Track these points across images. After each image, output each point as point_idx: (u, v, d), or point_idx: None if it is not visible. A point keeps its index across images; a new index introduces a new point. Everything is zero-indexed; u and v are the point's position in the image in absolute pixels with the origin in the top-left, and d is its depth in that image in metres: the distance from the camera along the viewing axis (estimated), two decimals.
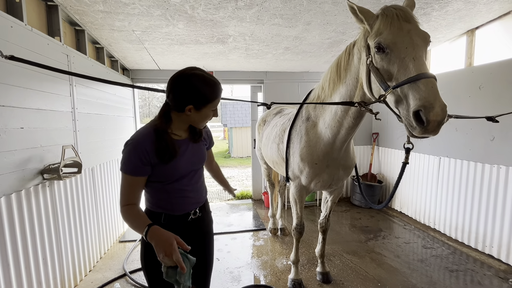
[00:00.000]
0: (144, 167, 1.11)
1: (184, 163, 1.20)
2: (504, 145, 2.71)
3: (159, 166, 1.13)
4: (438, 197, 3.51)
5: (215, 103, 1.16)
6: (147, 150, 1.09)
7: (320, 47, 3.49)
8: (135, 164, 1.09)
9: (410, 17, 1.23)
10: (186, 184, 1.23)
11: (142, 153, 1.09)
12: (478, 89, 2.94)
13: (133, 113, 4.22)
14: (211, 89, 1.12)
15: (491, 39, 3.04)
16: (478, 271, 2.65)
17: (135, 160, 1.09)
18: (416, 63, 1.14)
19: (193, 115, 1.15)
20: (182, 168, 1.20)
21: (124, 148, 1.12)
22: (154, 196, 1.22)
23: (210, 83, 1.12)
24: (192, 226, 1.29)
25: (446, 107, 1.07)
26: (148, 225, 1.00)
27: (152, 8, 2.36)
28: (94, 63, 2.90)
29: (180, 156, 1.18)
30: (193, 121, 1.19)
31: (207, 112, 1.16)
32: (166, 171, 1.16)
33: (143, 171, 1.11)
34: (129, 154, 1.09)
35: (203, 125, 1.24)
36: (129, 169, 1.10)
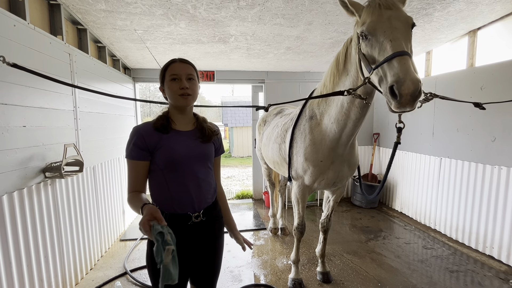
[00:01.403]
0: (140, 151, 1.17)
1: (183, 151, 1.20)
2: (505, 146, 2.71)
3: (157, 150, 1.18)
4: (439, 197, 3.51)
5: (168, 71, 1.22)
6: (147, 130, 1.19)
7: (321, 47, 3.49)
8: (136, 147, 1.17)
9: (391, 4, 1.29)
10: (187, 177, 1.21)
11: (138, 137, 1.17)
12: (480, 90, 2.94)
13: (134, 112, 4.23)
14: (165, 64, 1.26)
15: (493, 40, 3.03)
16: (479, 272, 2.64)
17: (137, 142, 1.17)
18: (393, 44, 1.19)
19: (166, 94, 1.25)
20: (180, 155, 1.19)
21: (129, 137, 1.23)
22: (156, 191, 1.23)
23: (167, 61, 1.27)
24: (194, 231, 1.22)
25: (419, 81, 1.10)
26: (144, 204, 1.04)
27: (154, 7, 2.36)
28: (96, 62, 2.90)
29: (178, 143, 1.21)
30: (171, 100, 1.24)
31: (169, 84, 1.22)
32: (163, 153, 1.18)
33: (140, 155, 1.17)
34: (130, 139, 1.20)
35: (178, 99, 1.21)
36: (131, 153, 1.18)
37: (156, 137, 1.18)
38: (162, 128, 1.20)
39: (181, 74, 1.21)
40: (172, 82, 1.20)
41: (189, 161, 1.22)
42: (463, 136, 3.15)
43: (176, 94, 1.20)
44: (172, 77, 1.20)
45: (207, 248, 1.29)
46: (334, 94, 1.64)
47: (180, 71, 1.21)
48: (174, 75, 1.20)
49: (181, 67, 1.22)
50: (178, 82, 1.20)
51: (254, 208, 4.58)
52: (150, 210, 0.96)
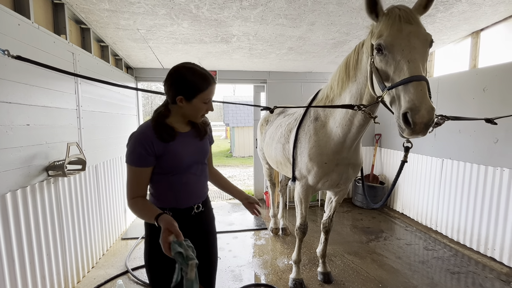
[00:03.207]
0: (148, 157, 1.14)
1: (188, 154, 1.22)
2: (508, 147, 2.70)
3: (165, 154, 1.16)
4: (441, 199, 3.50)
5: (205, 94, 1.15)
6: (150, 139, 1.13)
7: (323, 47, 3.49)
8: (139, 154, 1.12)
9: (412, 18, 1.24)
10: (190, 176, 1.25)
11: (146, 143, 1.12)
12: (483, 91, 2.93)
13: (136, 111, 4.24)
14: (200, 79, 1.13)
15: (496, 41, 3.03)
16: (480, 273, 2.64)
17: (140, 150, 1.12)
18: (410, 66, 1.16)
19: (186, 106, 1.16)
20: (186, 159, 1.21)
21: (128, 142, 1.17)
22: (159, 190, 1.23)
23: (199, 74, 1.14)
24: (196, 221, 1.30)
25: (434, 109, 1.09)
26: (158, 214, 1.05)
27: (157, 7, 2.37)
28: (99, 62, 2.91)
29: (184, 146, 1.21)
30: (188, 114, 1.20)
31: (199, 104, 1.16)
32: (170, 159, 1.18)
33: (147, 161, 1.14)
34: (134, 145, 1.13)
35: (198, 118, 1.22)
36: (134, 160, 1.14)
37: (162, 144, 1.16)
38: (169, 138, 1.17)
39: (212, 97, 1.20)
40: (202, 104, 1.17)
41: (192, 163, 1.25)
42: (466, 138, 3.14)
43: (199, 114, 1.20)
44: (206, 101, 1.17)
45: (207, 233, 1.38)
46: (343, 107, 1.65)
47: (213, 95, 1.20)
48: (208, 99, 1.18)
49: (214, 90, 1.20)
50: (207, 105, 1.19)
51: None
52: (166, 225, 0.97)
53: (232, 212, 4.41)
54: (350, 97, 1.72)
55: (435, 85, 3.52)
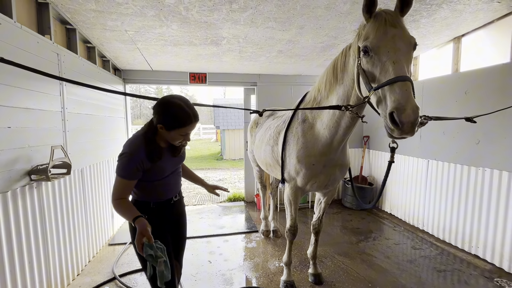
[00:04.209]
0: (138, 172, 1.34)
1: (168, 165, 1.48)
2: (488, 148, 2.81)
3: (151, 169, 1.38)
4: (427, 199, 3.60)
5: (183, 130, 1.32)
6: (141, 158, 1.32)
7: (312, 50, 3.54)
8: (131, 171, 1.32)
9: (397, 22, 1.28)
10: (170, 180, 1.53)
11: (138, 162, 1.31)
12: (464, 94, 3.04)
13: (124, 114, 4.16)
14: (183, 117, 1.30)
15: (476, 46, 3.16)
16: (465, 271, 2.72)
17: (132, 168, 1.31)
18: (395, 66, 1.20)
19: (164, 133, 1.35)
20: (167, 169, 1.48)
21: (120, 158, 1.32)
22: (143, 191, 1.47)
23: (183, 112, 1.30)
24: (173, 207, 1.62)
25: (418, 109, 1.13)
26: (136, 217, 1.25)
27: (145, 8, 2.35)
28: (85, 63, 2.85)
29: (165, 159, 1.44)
30: (166, 138, 1.39)
31: (176, 135, 1.34)
32: (156, 172, 1.41)
33: (137, 176, 1.35)
34: (127, 163, 1.31)
35: (175, 142, 1.41)
36: (126, 175, 1.32)
37: (150, 163, 1.36)
38: (157, 159, 1.37)
39: (191, 132, 1.37)
40: (180, 136, 1.35)
41: (172, 172, 1.53)
42: (449, 139, 3.25)
43: (176, 142, 1.40)
44: (183, 134, 1.35)
45: (181, 214, 1.72)
46: (331, 108, 1.68)
47: (191, 130, 1.36)
48: (186, 133, 1.36)
49: (193, 127, 1.35)
50: (184, 136, 1.37)
51: (246, 211, 4.57)
52: (141, 229, 1.17)
53: (222, 215, 4.37)
54: (337, 99, 1.74)
55: (420, 88, 3.63)
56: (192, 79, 4.42)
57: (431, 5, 2.46)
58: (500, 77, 2.67)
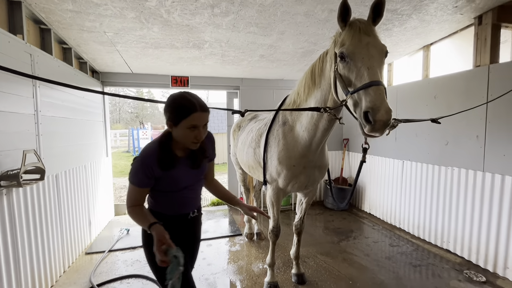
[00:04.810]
0: (148, 180, 1.27)
1: (185, 177, 1.35)
2: (456, 149, 3.02)
3: (163, 178, 1.29)
4: (402, 198, 3.77)
5: (188, 120, 1.20)
6: (151, 165, 1.25)
7: (293, 56, 3.64)
8: (141, 178, 1.26)
9: (370, 30, 1.39)
10: (188, 193, 1.40)
11: (147, 168, 1.24)
12: (434, 98, 3.25)
13: (102, 117, 4.03)
14: (186, 105, 1.20)
15: (443, 54, 3.40)
16: (438, 265, 2.87)
17: (142, 175, 1.25)
18: (369, 72, 1.29)
19: (175, 131, 1.25)
20: (183, 182, 1.35)
21: (132, 163, 1.27)
22: (157, 201, 1.38)
23: (186, 100, 1.21)
24: (190, 223, 1.48)
25: (391, 111, 1.22)
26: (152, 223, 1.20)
27: (125, 10, 2.32)
28: (61, 64, 2.75)
29: (181, 170, 1.33)
30: (179, 140, 1.27)
31: (183, 129, 1.22)
32: (169, 182, 1.32)
33: (148, 183, 1.29)
34: (137, 169, 1.25)
35: (189, 144, 1.27)
36: (136, 182, 1.27)
37: (161, 171, 1.27)
38: (169, 167, 1.28)
39: (200, 124, 1.23)
40: (189, 130, 1.22)
41: (188, 184, 1.38)
42: (421, 141, 3.45)
43: (188, 141, 1.25)
44: (191, 127, 1.21)
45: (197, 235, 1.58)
46: (310, 109, 1.75)
47: (200, 122, 1.22)
48: (194, 125, 1.21)
49: (201, 117, 1.22)
50: (195, 131, 1.23)
51: (230, 215, 4.55)
52: (159, 237, 1.12)
53: (206, 220, 4.32)
54: (315, 102, 1.82)
55: (395, 93, 3.83)
56: (174, 82, 4.38)
57: (402, 15, 2.63)
58: (465, 82, 2.89)
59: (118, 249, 3.26)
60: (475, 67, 2.84)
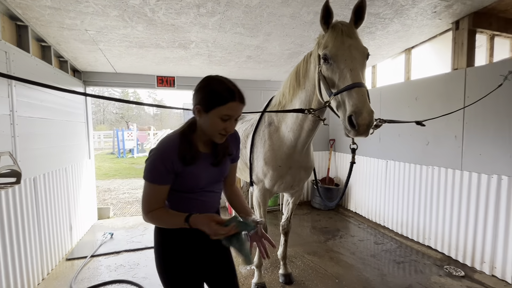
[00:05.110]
0: (168, 175, 1.10)
1: (205, 175, 1.19)
2: (436, 149, 3.13)
3: (182, 175, 1.13)
4: (387, 196, 3.87)
5: (223, 108, 1.05)
6: (170, 157, 1.09)
7: (280, 57, 3.67)
8: (159, 172, 1.09)
9: (352, 33, 1.42)
10: (207, 196, 1.24)
11: (166, 161, 1.08)
12: (415, 100, 3.37)
13: (85, 118, 3.91)
14: (223, 91, 1.05)
15: (424, 57, 3.52)
16: (420, 261, 2.97)
17: (160, 168, 1.08)
18: (352, 74, 1.32)
19: (203, 119, 1.10)
20: (202, 179, 1.18)
21: (148, 158, 1.11)
22: (175, 204, 1.20)
23: (225, 86, 1.07)
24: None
25: (373, 112, 1.25)
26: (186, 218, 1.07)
27: (108, 8, 2.26)
28: (39, 63, 2.64)
29: (201, 166, 1.17)
30: (205, 130, 1.12)
31: (215, 119, 1.07)
32: (187, 180, 1.15)
33: (167, 179, 1.11)
34: (154, 162, 1.09)
35: (216, 136, 1.12)
36: (153, 177, 1.10)
37: (181, 164, 1.11)
38: (190, 161, 1.11)
39: (234, 116, 1.10)
40: (220, 120, 1.07)
41: (209, 184, 1.22)
42: (404, 141, 3.55)
43: (216, 132, 1.11)
44: (224, 118, 1.07)
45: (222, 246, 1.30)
46: (295, 111, 1.76)
47: (235, 113, 1.09)
48: (228, 116, 1.07)
49: (238, 108, 1.09)
50: (226, 123, 1.09)
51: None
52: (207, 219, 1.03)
53: None
54: (300, 103, 1.84)
55: (378, 94, 3.93)
56: (160, 82, 4.30)
57: (384, 19, 2.71)
58: (444, 84, 3.01)
59: (101, 254, 3.15)
60: (453, 70, 2.96)
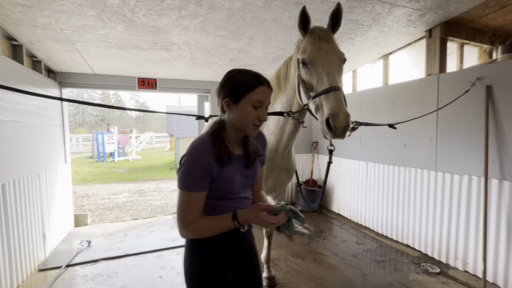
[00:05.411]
0: (205, 179, 1.03)
1: (239, 178, 1.13)
2: (413, 150, 3.27)
3: (217, 178, 1.07)
4: (367, 197, 3.98)
5: (253, 94, 1.03)
6: (206, 159, 1.03)
7: (263, 61, 3.70)
8: (196, 177, 1.02)
9: (329, 38, 1.47)
10: (240, 202, 1.17)
11: (202, 162, 1.02)
12: (393, 104, 3.50)
13: (60, 121, 3.73)
14: (249, 78, 1.04)
15: (400, 63, 3.68)
16: (399, 259, 3.07)
17: (197, 171, 1.02)
18: (329, 78, 1.36)
19: (234, 112, 1.06)
20: (236, 182, 1.12)
21: (181, 164, 1.04)
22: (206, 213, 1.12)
23: (250, 74, 1.06)
24: (242, 240, 1.23)
25: (349, 116, 1.29)
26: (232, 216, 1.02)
27: (85, 7, 2.18)
28: (9, 62, 2.50)
29: (235, 168, 1.12)
30: (237, 124, 1.07)
31: (247, 107, 1.03)
32: (222, 185, 1.08)
33: (204, 184, 1.04)
34: (189, 167, 1.02)
35: (250, 128, 1.07)
36: (190, 184, 1.02)
37: (218, 167, 1.05)
38: (226, 161, 1.06)
39: (265, 102, 1.06)
40: (252, 108, 1.04)
41: (242, 188, 1.17)
42: (383, 143, 3.68)
43: (250, 123, 1.06)
44: (256, 104, 1.04)
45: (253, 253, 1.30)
46: (276, 114, 1.78)
47: (266, 98, 1.06)
48: (259, 102, 1.04)
49: (267, 93, 1.06)
50: (259, 110, 1.05)
51: None
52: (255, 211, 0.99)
53: (175, 227, 4.17)
54: (281, 106, 1.87)
55: (359, 98, 4.05)
56: (141, 84, 4.20)
57: (363, 25, 2.81)
58: (419, 89, 3.16)
59: (78, 263, 3.01)
60: (427, 76, 3.12)
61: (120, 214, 5.02)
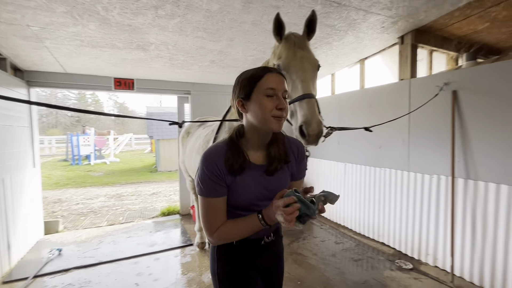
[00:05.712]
0: (220, 184, 1.00)
1: (256, 186, 1.05)
2: (388, 152, 3.40)
3: (231, 187, 1.02)
4: (346, 197, 4.09)
5: (262, 82, 0.97)
6: (218, 164, 1.00)
7: (244, 62, 3.70)
8: (211, 183, 1.00)
9: (304, 45, 1.49)
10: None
11: (213, 168, 0.99)
12: (370, 106, 3.63)
13: (28, 122, 3.52)
14: (254, 70, 1.01)
15: (376, 67, 3.83)
16: (375, 257, 3.17)
17: (211, 177, 0.99)
18: (303, 85, 1.38)
19: (249, 109, 1.00)
20: (253, 190, 1.04)
21: (197, 171, 1.03)
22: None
23: (253, 69, 1.03)
24: (265, 250, 1.16)
25: (321, 123, 1.33)
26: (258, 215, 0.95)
27: (54, 3, 2.08)
28: None
29: (252, 176, 1.04)
30: (256, 123, 0.99)
31: (260, 98, 0.97)
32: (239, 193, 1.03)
33: (221, 189, 1.01)
34: (202, 174, 1.00)
35: (270, 122, 0.98)
36: (207, 190, 1.00)
37: (230, 175, 1.01)
38: (239, 171, 1.00)
39: (279, 89, 0.98)
40: (267, 98, 0.97)
41: (264, 198, 1.07)
42: (359, 145, 3.80)
43: (269, 115, 0.96)
44: (269, 92, 0.96)
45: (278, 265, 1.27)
46: None
47: (278, 85, 0.98)
48: (272, 89, 0.96)
49: (278, 80, 0.99)
50: (274, 99, 0.97)
51: (181, 224, 4.35)
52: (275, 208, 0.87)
53: (154, 232, 4.06)
54: None
55: (337, 101, 4.16)
56: (118, 84, 4.06)
57: (340, 30, 2.89)
58: (393, 93, 3.29)
59: (47, 274, 2.83)
60: (399, 80, 3.26)
61: (95, 220, 4.80)
